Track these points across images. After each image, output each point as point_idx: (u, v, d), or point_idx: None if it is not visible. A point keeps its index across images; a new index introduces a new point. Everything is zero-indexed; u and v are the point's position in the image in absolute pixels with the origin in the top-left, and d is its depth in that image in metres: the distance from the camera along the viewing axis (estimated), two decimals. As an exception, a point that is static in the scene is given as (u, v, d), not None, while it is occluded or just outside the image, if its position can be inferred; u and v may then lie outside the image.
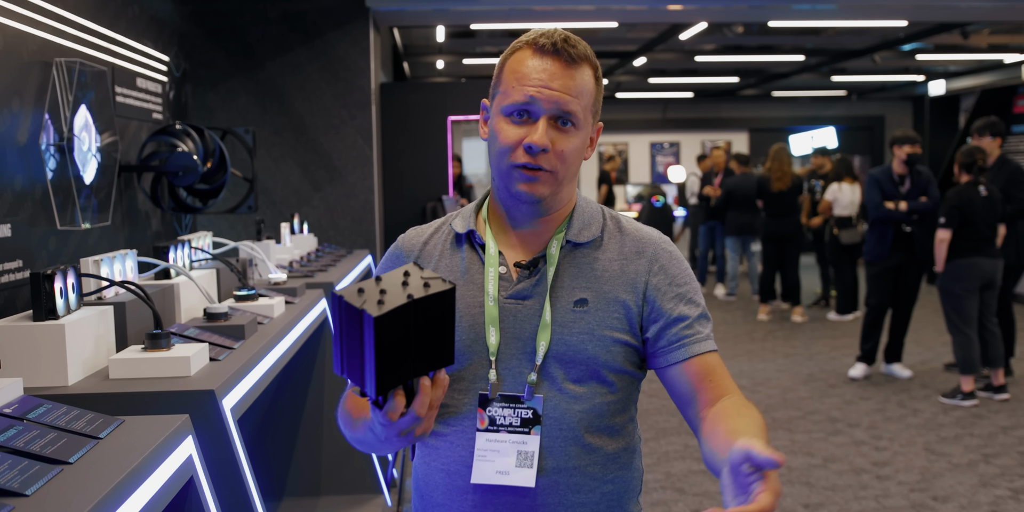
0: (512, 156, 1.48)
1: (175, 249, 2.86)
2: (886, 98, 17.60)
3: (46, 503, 1.29)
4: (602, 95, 1.56)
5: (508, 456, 1.48)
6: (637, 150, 17.71)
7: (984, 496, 4.39)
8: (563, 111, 1.47)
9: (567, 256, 1.55)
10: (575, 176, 1.56)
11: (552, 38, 1.49)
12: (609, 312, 1.51)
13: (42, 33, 3.10)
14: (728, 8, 7.03)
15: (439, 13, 6.83)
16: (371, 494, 3.54)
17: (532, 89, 1.46)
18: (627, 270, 1.54)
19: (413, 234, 1.65)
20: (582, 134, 1.51)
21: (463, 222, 1.60)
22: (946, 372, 6.94)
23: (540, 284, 1.52)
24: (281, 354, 2.64)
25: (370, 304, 1.17)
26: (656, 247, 1.57)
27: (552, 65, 1.48)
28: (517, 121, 1.48)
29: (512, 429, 1.48)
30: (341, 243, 5.95)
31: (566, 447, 1.49)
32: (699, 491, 4.49)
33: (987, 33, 10.62)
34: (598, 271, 1.54)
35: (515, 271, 1.54)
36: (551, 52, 1.48)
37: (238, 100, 5.82)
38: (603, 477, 1.52)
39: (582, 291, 1.52)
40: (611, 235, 1.58)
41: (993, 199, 6.04)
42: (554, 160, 1.48)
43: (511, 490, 1.48)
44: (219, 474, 1.93)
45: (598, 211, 1.61)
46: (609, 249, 1.56)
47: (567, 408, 1.49)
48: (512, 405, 1.49)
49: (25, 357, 1.96)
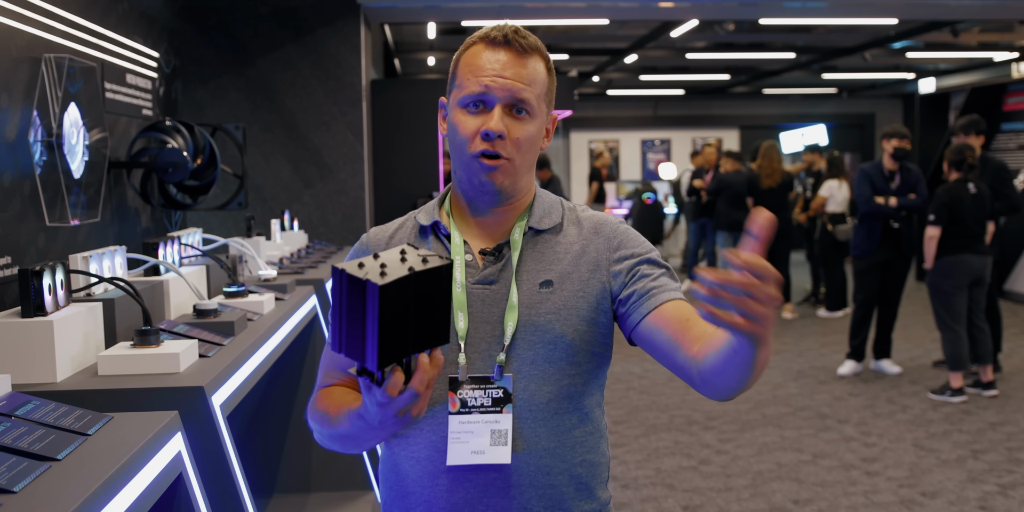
0: (471, 145, 1.52)
1: (165, 245, 2.85)
2: (876, 96, 17.65)
3: (34, 500, 1.29)
4: (555, 86, 1.61)
5: (482, 436, 1.50)
6: (628, 147, 17.72)
7: (972, 492, 4.41)
8: (517, 99, 1.52)
9: (530, 242, 1.59)
10: (532, 165, 1.60)
11: (503, 31, 1.55)
12: (575, 291, 1.55)
13: (31, 29, 3.09)
14: (719, 5, 7.04)
15: (430, 10, 6.82)
16: (361, 490, 3.54)
17: (487, 79, 1.52)
18: (588, 250, 1.59)
19: (377, 230, 1.68)
20: (537, 122, 1.55)
21: (427, 215, 1.63)
22: (935, 368, 6.97)
23: (506, 269, 1.56)
24: (271, 351, 2.64)
25: (373, 275, 1.18)
26: (612, 226, 1.63)
27: (504, 56, 1.53)
28: (474, 111, 1.53)
29: (484, 409, 1.51)
30: (331, 240, 5.94)
31: (536, 427, 1.52)
32: (689, 487, 4.50)
33: (977, 31, 10.65)
34: (560, 254, 1.58)
35: (480, 258, 1.58)
36: (503, 43, 1.54)
37: (228, 96, 5.81)
38: (572, 459, 1.55)
39: (547, 273, 1.56)
40: (570, 221, 1.64)
41: (982, 196, 6.07)
42: (510, 147, 1.52)
43: (483, 470, 1.50)
44: (208, 471, 1.93)
45: (557, 202, 1.66)
46: (569, 233, 1.61)
47: (536, 388, 1.52)
48: (483, 386, 1.51)
49: (13, 354, 1.96)
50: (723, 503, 4.31)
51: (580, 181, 16.34)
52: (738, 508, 4.25)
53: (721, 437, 5.31)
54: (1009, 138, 11.27)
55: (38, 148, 3.06)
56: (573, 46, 11.42)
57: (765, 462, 4.88)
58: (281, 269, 3.97)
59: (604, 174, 14.68)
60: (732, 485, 4.54)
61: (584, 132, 17.17)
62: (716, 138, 17.47)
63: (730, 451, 5.06)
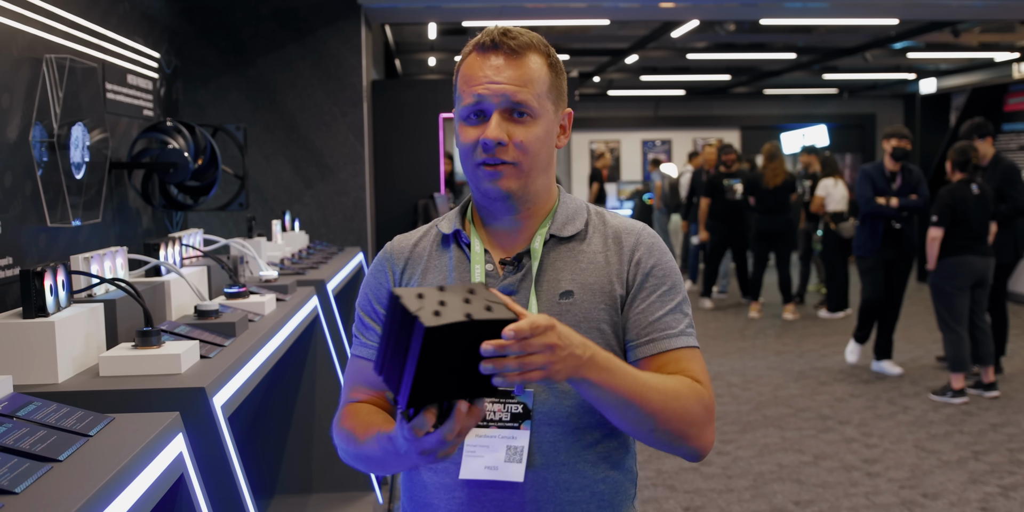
0: (473, 155, 1.50)
1: (166, 246, 2.85)
2: (877, 96, 17.65)
3: (36, 501, 1.29)
4: (563, 81, 1.56)
5: (497, 451, 1.47)
6: (629, 148, 17.72)
7: (974, 493, 4.41)
8: (513, 102, 1.48)
9: (551, 250, 1.55)
10: (547, 166, 1.55)
11: (491, 35, 1.51)
12: (595, 303, 1.51)
13: (32, 29, 3.09)
14: (720, 6, 7.03)
15: (431, 10, 6.82)
16: (362, 491, 3.54)
17: (479, 88, 1.48)
18: (611, 260, 1.55)
19: (401, 239, 1.66)
20: (542, 122, 1.51)
21: (449, 223, 1.60)
22: (938, 364, 6.97)
23: (526, 279, 1.53)
24: (272, 351, 2.63)
25: (426, 312, 1.12)
26: (637, 237, 1.57)
27: (496, 60, 1.49)
28: (473, 122, 1.50)
29: (502, 424, 1.48)
30: (332, 240, 5.94)
31: (555, 442, 1.49)
32: (690, 488, 4.50)
33: (978, 31, 10.65)
34: (583, 263, 1.54)
35: (501, 268, 1.55)
36: (492, 48, 1.50)
37: (229, 97, 5.81)
38: (594, 476, 1.52)
39: (567, 283, 1.52)
40: (595, 228, 1.58)
41: (985, 197, 6.07)
42: (514, 152, 1.48)
43: (500, 486, 1.48)
44: (210, 471, 1.93)
45: (582, 206, 1.61)
46: (594, 242, 1.57)
47: (557, 403, 1.49)
48: (503, 400, 1.49)
49: (15, 354, 1.96)
50: (724, 504, 4.31)
51: (581, 182, 16.34)
52: (739, 509, 4.25)
53: (722, 438, 5.30)
54: (1010, 138, 11.27)
55: (39, 149, 3.06)
56: (574, 46, 11.42)
57: (766, 463, 4.87)
58: (282, 270, 3.97)
59: (605, 175, 14.67)
60: (733, 486, 4.54)
61: (585, 133, 17.18)
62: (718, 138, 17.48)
63: (731, 452, 5.06)
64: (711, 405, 1.47)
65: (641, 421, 1.39)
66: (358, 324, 1.63)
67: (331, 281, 3.96)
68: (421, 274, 1.59)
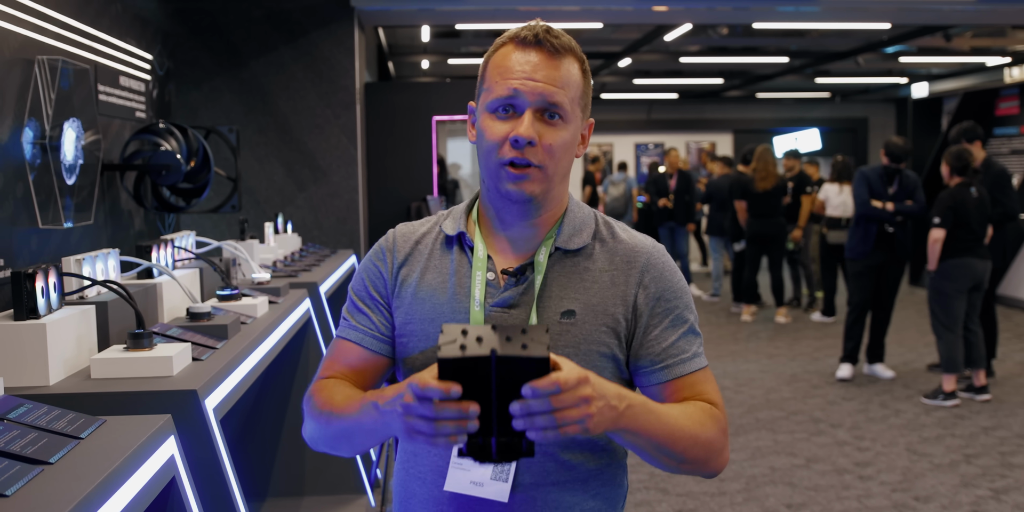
0: (500, 152, 1.43)
1: (158, 248, 2.84)
2: (869, 100, 17.70)
3: (26, 504, 1.28)
4: (591, 90, 1.51)
5: (484, 468, 1.45)
6: (622, 151, 17.74)
7: (965, 496, 4.42)
8: (549, 103, 1.43)
9: (556, 264, 1.50)
10: (567, 174, 1.51)
11: (534, 30, 1.46)
12: (597, 325, 1.47)
13: (24, 31, 3.08)
14: (712, 10, 7.05)
15: (424, 13, 6.82)
16: (354, 494, 3.53)
17: (516, 82, 1.42)
18: (617, 281, 1.49)
19: (406, 230, 1.61)
20: (571, 128, 1.46)
21: (453, 224, 1.55)
22: (929, 372, 6.98)
23: (527, 293, 1.48)
24: (264, 354, 2.63)
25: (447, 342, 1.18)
26: (648, 257, 1.52)
27: (535, 56, 1.44)
28: (503, 116, 1.44)
29: None
30: (325, 243, 5.94)
31: (543, 463, 1.46)
32: (682, 491, 4.50)
33: (970, 36, 10.69)
34: (587, 282, 1.49)
35: (502, 278, 1.50)
36: (533, 43, 1.45)
37: (222, 99, 5.80)
38: (584, 493, 1.49)
39: (570, 302, 1.47)
40: (603, 242, 1.53)
41: (984, 200, 6.11)
42: (542, 154, 1.43)
43: (486, 503, 1.45)
44: (201, 474, 1.92)
45: (590, 216, 1.56)
46: (600, 259, 1.51)
47: None
48: None
49: (6, 357, 1.95)
50: (716, 507, 4.31)
51: (574, 185, 16.34)
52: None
53: (715, 441, 5.30)
54: (1001, 143, 11.32)
55: (31, 150, 3.05)
56: (567, 50, 11.42)
57: (758, 466, 4.88)
58: (275, 272, 3.96)
59: (598, 178, 14.69)
60: (725, 489, 4.54)
61: (578, 135, 17.18)
62: (710, 142, 17.52)
63: (724, 455, 5.06)
64: (727, 427, 1.48)
65: (672, 457, 1.40)
66: (349, 306, 1.59)
67: (324, 283, 3.95)
68: (420, 273, 1.55)
